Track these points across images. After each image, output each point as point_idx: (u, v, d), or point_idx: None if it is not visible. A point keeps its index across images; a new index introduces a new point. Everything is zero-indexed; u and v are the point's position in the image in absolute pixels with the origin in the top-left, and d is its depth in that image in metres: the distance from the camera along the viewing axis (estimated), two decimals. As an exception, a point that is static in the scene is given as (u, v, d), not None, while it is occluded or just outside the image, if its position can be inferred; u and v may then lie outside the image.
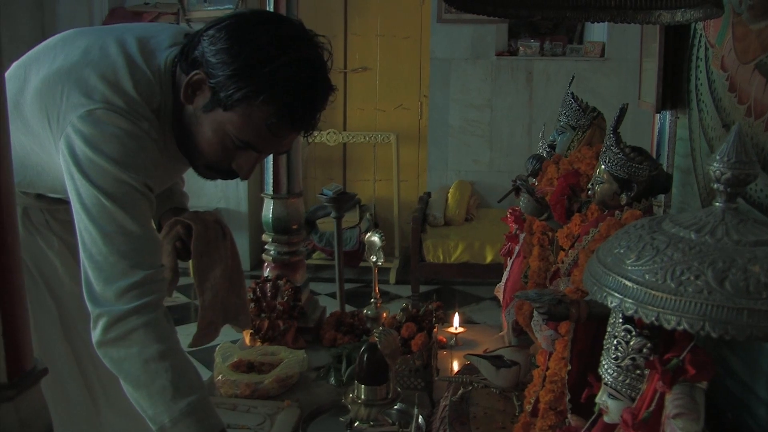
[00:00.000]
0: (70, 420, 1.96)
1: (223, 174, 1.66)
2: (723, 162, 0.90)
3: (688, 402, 0.88)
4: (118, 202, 1.48)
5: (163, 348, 1.47)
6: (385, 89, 7.49)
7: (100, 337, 1.48)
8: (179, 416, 1.46)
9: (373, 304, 2.56)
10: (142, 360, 1.46)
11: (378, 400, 1.72)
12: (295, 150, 2.59)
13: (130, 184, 1.50)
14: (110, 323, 1.46)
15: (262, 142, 1.55)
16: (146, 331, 1.46)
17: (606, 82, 6.50)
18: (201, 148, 1.60)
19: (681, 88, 2.18)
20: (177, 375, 1.47)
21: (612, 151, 1.49)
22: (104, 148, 1.49)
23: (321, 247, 6.74)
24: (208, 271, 1.85)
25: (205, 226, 1.84)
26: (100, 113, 1.50)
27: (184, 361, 1.50)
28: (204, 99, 1.54)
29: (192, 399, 1.47)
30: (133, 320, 1.46)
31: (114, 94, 1.53)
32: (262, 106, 1.48)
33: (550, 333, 1.49)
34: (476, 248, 6.18)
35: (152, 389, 1.47)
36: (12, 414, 0.93)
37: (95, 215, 1.48)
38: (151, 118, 1.57)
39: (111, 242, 1.48)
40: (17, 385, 0.93)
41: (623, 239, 0.94)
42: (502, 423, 1.72)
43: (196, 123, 1.58)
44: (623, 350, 1.02)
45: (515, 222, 2.23)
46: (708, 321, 0.80)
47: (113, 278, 1.47)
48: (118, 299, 1.46)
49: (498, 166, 7.03)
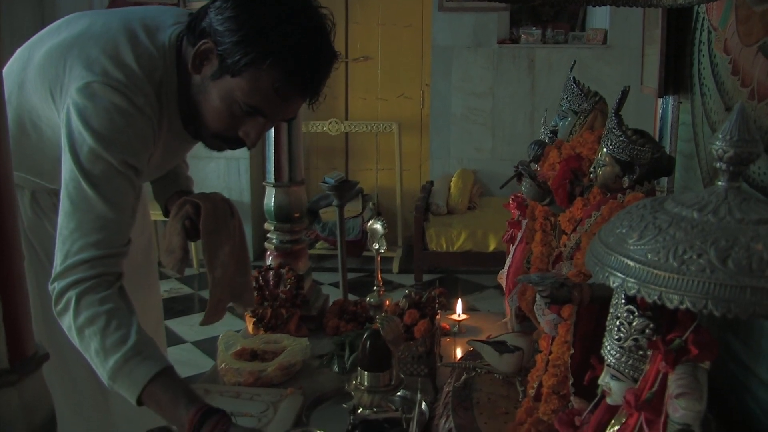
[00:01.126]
0: (79, 405, 1.99)
1: (230, 143, 1.70)
2: (725, 140, 0.89)
3: (691, 382, 0.88)
4: (92, 179, 1.54)
5: (92, 312, 1.51)
6: (387, 78, 7.48)
7: (54, 309, 1.55)
8: (113, 374, 1.50)
9: (375, 291, 2.56)
10: (77, 327, 1.52)
11: (381, 387, 1.72)
12: (297, 138, 2.58)
13: (108, 161, 1.54)
14: (57, 296, 1.53)
15: (270, 106, 1.59)
16: (78, 299, 1.51)
17: (608, 69, 6.49)
18: (209, 118, 1.64)
19: (683, 72, 2.17)
20: (104, 336, 1.50)
21: (614, 133, 1.49)
22: (92, 122, 1.54)
23: (324, 236, 6.75)
24: (217, 248, 1.88)
25: (213, 204, 1.87)
26: (96, 86, 1.55)
27: (114, 319, 1.52)
28: (212, 68, 1.58)
29: (117, 356, 1.49)
30: (70, 292, 1.52)
31: (115, 67, 1.57)
32: (269, 70, 1.52)
33: (553, 317, 1.48)
34: (479, 236, 6.18)
35: (91, 352, 1.52)
36: (15, 399, 0.93)
37: (71, 191, 1.55)
38: (149, 93, 1.61)
39: (78, 219, 1.54)
40: (19, 370, 0.94)
41: (625, 219, 0.94)
42: (505, 408, 1.72)
43: (203, 92, 1.62)
44: (626, 331, 1.01)
45: (518, 208, 2.22)
46: (711, 299, 0.80)
47: (71, 253, 1.53)
48: (67, 272, 1.53)
49: (500, 154, 7.03)
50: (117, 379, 1.50)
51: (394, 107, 7.51)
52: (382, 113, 7.50)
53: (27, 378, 0.95)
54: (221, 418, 1.47)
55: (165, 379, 1.52)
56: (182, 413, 1.48)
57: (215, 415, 1.47)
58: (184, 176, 2.12)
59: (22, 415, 0.94)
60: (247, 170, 6.93)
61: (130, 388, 1.50)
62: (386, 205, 7.41)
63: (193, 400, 1.50)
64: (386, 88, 7.52)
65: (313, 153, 7.52)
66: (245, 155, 6.91)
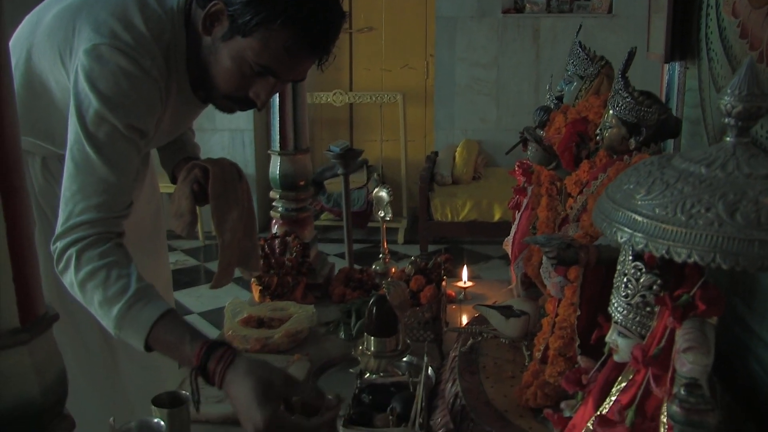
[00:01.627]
0: (90, 370, 2.02)
1: (240, 103, 1.71)
2: (734, 95, 0.89)
3: (699, 336, 0.88)
4: (95, 142, 1.56)
5: (93, 266, 1.53)
6: (391, 49, 7.44)
7: (56, 267, 1.57)
8: (118, 321, 1.52)
9: (381, 259, 2.56)
10: (79, 282, 1.54)
11: (387, 352, 1.72)
12: (302, 106, 2.57)
13: (113, 124, 1.56)
14: (58, 255, 1.56)
15: (281, 66, 1.60)
16: (78, 256, 1.54)
17: (614, 38, 6.45)
18: (219, 79, 1.65)
19: (690, 37, 2.15)
20: (105, 288, 1.52)
21: (621, 95, 1.48)
22: (99, 84, 1.55)
23: (329, 207, 6.76)
24: (226, 212, 1.89)
25: (221, 168, 1.88)
26: (103, 49, 1.55)
27: (114, 271, 1.54)
28: (222, 29, 1.58)
29: (120, 304, 1.51)
30: (71, 250, 1.54)
31: (123, 29, 1.58)
32: (279, 29, 1.52)
33: (559, 279, 1.48)
34: (484, 206, 6.19)
35: (95, 305, 1.54)
36: (26, 358, 0.94)
37: (75, 153, 1.57)
38: (158, 56, 1.61)
39: (81, 181, 1.56)
40: (30, 329, 0.94)
41: (633, 175, 0.94)
42: (511, 372, 1.73)
43: (214, 53, 1.62)
44: (633, 288, 1.02)
45: (523, 175, 2.22)
46: (719, 253, 0.80)
47: (73, 214, 1.55)
48: (68, 232, 1.55)
49: (505, 124, 7.01)
50: (123, 327, 1.52)
51: (398, 78, 7.47)
52: (387, 84, 7.47)
53: (38, 337, 0.95)
54: (226, 350, 1.49)
55: (169, 320, 1.54)
56: (188, 350, 1.49)
57: (220, 348, 1.49)
58: (191, 143, 2.12)
59: (33, 373, 0.94)
60: (252, 142, 6.93)
61: (136, 333, 1.52)
62: (391, 176, 7.40)
63: (197, 336, 1.52)
64: (390, 59, 7.49)
65: (317, 124, 7.50)
66: (249, 127, 6.90)
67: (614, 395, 1.04)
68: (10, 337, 0.92)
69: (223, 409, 1.68)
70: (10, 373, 0.93)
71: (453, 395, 1.65)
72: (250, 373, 1.44)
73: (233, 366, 1.46)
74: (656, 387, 0.95)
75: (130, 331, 1.53)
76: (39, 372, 0.96)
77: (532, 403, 1.53)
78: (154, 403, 1.55)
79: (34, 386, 0.95)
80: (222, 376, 1.46)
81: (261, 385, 1.42)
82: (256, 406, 1.40)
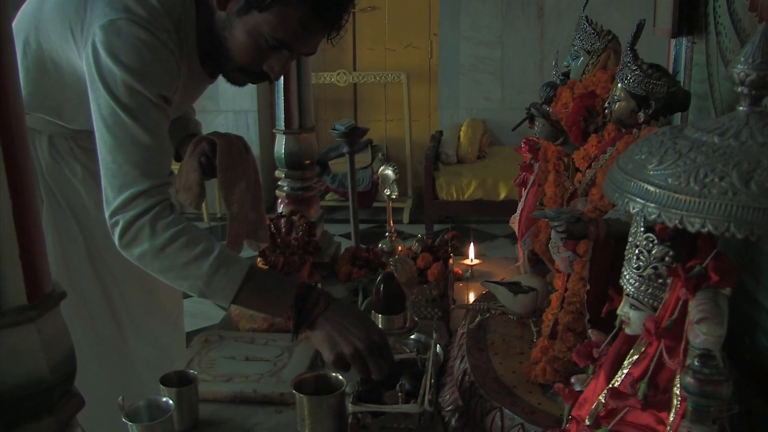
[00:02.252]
0: (99, 346, 2.06)
1: (254, 77, 1.75)
2: (748, 63, 0.87)
3: (712, 307, 0.87)
4: (131, 112, 1.58)
5: (172, 232, 1.57)
6: (395, 28, 7.40)
7: (119, 242, 1.59)
8: (209, 277, 1.56)
9: (387, 238, 2.56)
10: (157, 249, 1.57)
11: (395, 329, 1.72)
12: (306, 84, 2.56)
13: (143, 94, 1.59)
14: (124, 229, 1.57)
15: (296, 39, 1.63)
16: (152, 225, 1.56)
17: (618, 15, 6.39)
18: (235, 52, 1.68)
19: (698, 12, 2.13)
20: (191, 247, 1.57)
21: (629, 68, 1.46)
22: (123, 58, 1.56)
23: (334, 188, 6.75)
24: (233, 184, 1.92)
25: (228, 141, 1.91)
26: (121, 23, 1.57)
27: (193, 234, 1.59)
28: (238, 4, 1.61)
29: (212, 258, 1.56)
30: (141, 221, 1.56)
31: (136, 3, 1.59)
32: (297, 4, 1.56)
33: (568, 254, 1.48)
34: (489, 185, 6.18)
35: (177, 268, 1.58)
36: (34, 335, 0.94)
37: (111, 125, 1.58)
38: (170, 29, 1.64)
39: (125, 151, 1.58)
40: (38, 306, 0.94)
41: (644, 146, 0.92)
42: (520, 349, 1.72)
43: (229, 28, 1.65)
44: (645, 259, 1.01)
45: (529, 151, 2.20)
46: (733, 222, 0.79)
47: (125, 186, 1.57)
48: (127, 205, 1.57)
49: (510, 103, 6.98)
50: (213, 282, 1.56)
51: (402, 57, 7.44)
52: (390, 63, 7.44)
53: (45, 314, 0.95)
54: (320, 295, 1.61)
55: (257, 273, 1.61)
56: (282, 302, 1.59)
57: (314, 292, 1.60)
58: (192, 121, 2.14)
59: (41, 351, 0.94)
60: (256, 122, 6.91)
61: (226, 288, 1.57)
62: (395, 155, 7.38)
63: (288, 287, 1.61)
64: (394, 38, 7.45)
65: (321, 104, 7.48)
66: (253, 108, 6.89)
67: (626, 368, 1.03)
68: (17, 315, 0.92)
69: (231, 388, 1.69)
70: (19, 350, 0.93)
71: (462, 372, 1.65)
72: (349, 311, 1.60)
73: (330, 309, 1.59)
74: (669, 359, 0.94)
75: (221, 284, 1.57)
76: (47, 349, 0.96)
77: (541, 378, 1.52)
78: (163, 383, 1.56)
79: (42, 363, 0.95)
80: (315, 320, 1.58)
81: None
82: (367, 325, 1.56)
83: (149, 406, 1.48)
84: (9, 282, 0.91)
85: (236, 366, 1.79)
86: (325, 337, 1.56)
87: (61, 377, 0.99)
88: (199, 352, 1.86)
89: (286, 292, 1.59)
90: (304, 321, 1.58)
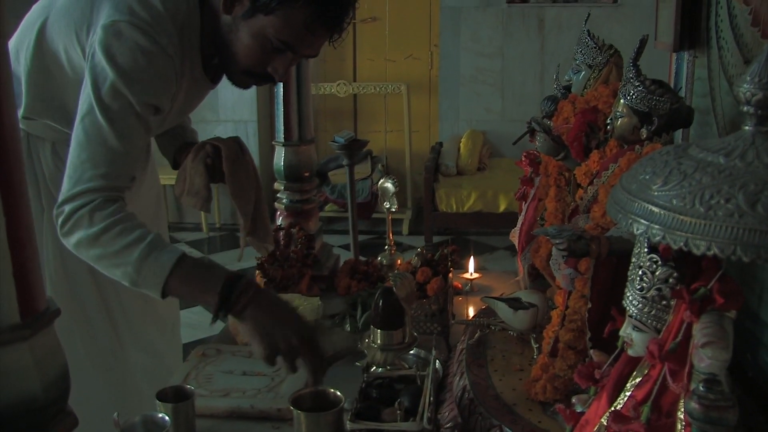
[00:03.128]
0: (97, 353, 2.07)
1: (259, 79, 1.79)
2: (754, 83, 0.86)
3: (717, 330, 0.86)
4: (109, 114, 1.61)
5: (107, 222, 1.59)
6: (395, 39, 7.41)
7: (60, 231, 1.62)
8: (138, 262, 1.57)
9: (387, 251, 2.54)
10: (92, 237, 1.59)
11: (394, 345, 1.70)
12: (306, 96, 2.55)
13: (127, 99, 1.62)
14: (65, 218, 1.60)
15: (299, 42, 1.68)
16: (90, 214, 1.59)
17: (619, 28, 6.41)
18: (240, 54, 1.72)
19: (699, 26, 2.13)
20: (125, 235, 1.59)
21: (632, 83, 1.45)
22: (117, 59, 1.61)
23: (333, 198, 6.74)
24: (241, 185, 1.98)
25: (228, 145, 1.96)
26: (122, 25, 1.62)
27: (128, 224, 1.61)
28: (243, 8, 1.66)
29: (143, 245, 1.57)
30: (81, 211, 1.59)
31: (141, 7, 1.64)
32: (301, 7, 1.61)
33: (569, 271, 1.46)
34: (489, 197, 6.17)
35: (109, 255, 1.60)
36: (27, 354, 0.92)
37: (87, 124, 1.62)
38: (173, 34, 1.68)
39: (91, 150, 1.61)
40: (31, 325, 0.93)
41: (648, 165, 0.91)
42: (520, 365, 1.71)
43: (234, 31, 1.70)
44: (648, 281, 0.99)
45: (530, 165, 2.20)
46: (739, 245, 0.77)
47: (81, 181, 1.61)
48: (76, 197, 1.60)
49: (510, 115, 6.99)
50: (143, 269, 1.57)
51: (402, 68, 7.45)
52: (391, 74, 7.44)
53: (39, 333, 0.94)
54: (249, 284, 1.59)
55: (187, 260, 1.61)
56: (210, 289, 1.58)
57: (242, 281, 1.59)
58: (189, 129, 2.19)
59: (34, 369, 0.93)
60: (255, 133, 6.91)
61: (156, 274, 1.58)
62: (395, 166, 7.38)
63: (217, 274, 1.61)
64: (394, 49, 7.46)
65: (321, 115, 7.48)
66: (253, 118, 6.89)
67: (629, 390, 1.01)
68: (10, 333, 0.91)
69: (228, 403, 1.67)
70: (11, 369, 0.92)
71: (461, 389, 1.63)
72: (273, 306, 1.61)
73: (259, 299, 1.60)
74: (673, 382, 0.93)
75: (150, 272, 1.58)
76: (40, 368, 0.94)
77: (541, 396, 1.51)
78: (159, 398, 1.54)
79: (35, 382, 0.94)
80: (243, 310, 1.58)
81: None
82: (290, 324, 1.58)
83: (145, 422, 1.47)
84: (2, 300, 0.90)
85: (233, 381, 1.77)
86: (255, 328, 1.57)
87: (54, 396, 0.97)
88: (196, 366, 1.84)
89: (215, 279, 1.59)
90: (231, 309, 1.57)
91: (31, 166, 1.94)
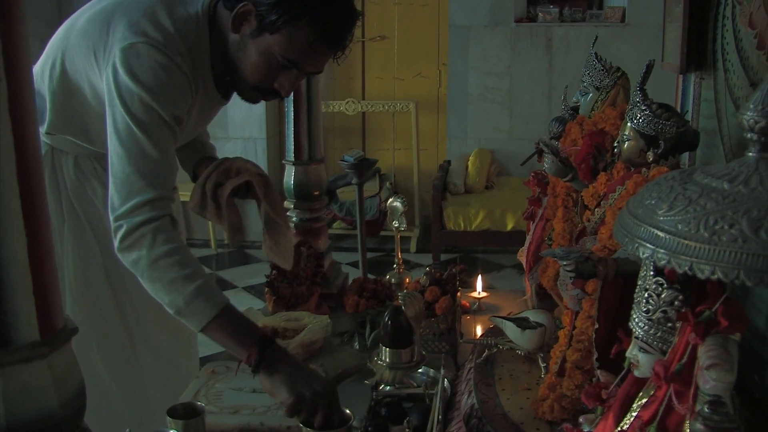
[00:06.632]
0: (112, 361, 2.14)
1: (266, 94, 1.88)
2: (757, 110, 0.88)
3: (722, 353, 0.87)
4: (144, 127, 1.70)
5: (169, 247, 1.69)
6: (404, 57, 7.45)
7: (118, 245, 1.70)
8: (191, 297, 1.66)
9: (395, 270, 2.56)
10: (153, 259, 1.68)
11: (403, 363, 1.72)
12: (316, 116, 2.58)
13: (157, 112, 1.71)
14: (126, 233, 1.69)
15: (304, 59, 1.76)
16: (154, 235, 1.68)
17: (627, 47, 6.43)
18: (248, 72, 1.81)
19: (705, 48, 2.15)
20: (183, 266, 1.68)
21: (639, 107, 1.47)
22: (141, 78, 1.70)
23: (341, 216, 6.75)
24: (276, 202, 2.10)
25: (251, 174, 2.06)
26: (140, 46, 1.71)
27: (187, 255, 1.72)
28: (250, 27, 1.74)
29: (199, 282, 1.67)
30: (144, 228, 1.68)
31: (154, 29, 1.73)
32: (304, 27, 1.69)
33: (577, 292, 1.48)
34: (497, 215, 6.17)
35: (165, 281, 1.68)
36: (46, 371, 0.94)
37: (124, 138, 1.70)
38: (185, 53, 1.77)
39: (134, 163, 1.70)
40: (50, 342, 0.94)
41: (654, 190, 0.93)
42: (527, 384, 1.72)
43: (243, 49, 1.79)
44: (654, 303, 1.01)
45: (538, 185, 2.21)
46: (743, 270, 0.79)
47: (132, 194, 1.69)
48: (133, 212, 1.69)
49: (518, 133, 7.00)
50: (192, 303, 1.66)
51: (410, 87, 7.47)
52: (399, 93, 7.47)
53: (57, 350, 0.95)
54: (280, 347, 1.69)
55: (232, 310, 1.71)
56: (246, 342, 1.67)
57: (274, 343, 1.69)
58: (208, 144, 2.29)
59: (52, 386, 0.94)
60: (265, 150, 6.93)
61: (205, 311, 1.66)
62: (403, 184, 7.39)
63: (254, 331, 1.71)
64: (403, 68, 7.49)
65: (330, 133, 7.50)
66: (262, 135, 6.91)
67: (635, 411, 1.03)
68: (30, 351, 0.92)
69: (239, 420, 1.69)
70: (30, 386, 0.93)
71: (469, 407, 1.64)
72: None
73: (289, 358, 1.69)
74: (678, 404, 0.94)
75: (198, 308, 1.66)
76: (58, 385, 0.96)
77: (548, 415, 1.52)
78: (170, 414, 1.55)
79: (53, 399, 0.95)
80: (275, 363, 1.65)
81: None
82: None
83: (156, 439, 1.48)
84: (22, 318, 0.92)
85: (243, 398, 1.79)
86: (286, 379, 1.62)
87: (71, 413, 0.99)
88: (206, 383, 1.86)
89: (251, 334, 1.68)
90: (265, 361, 1.64)
91: (54, 178, 2.03)
